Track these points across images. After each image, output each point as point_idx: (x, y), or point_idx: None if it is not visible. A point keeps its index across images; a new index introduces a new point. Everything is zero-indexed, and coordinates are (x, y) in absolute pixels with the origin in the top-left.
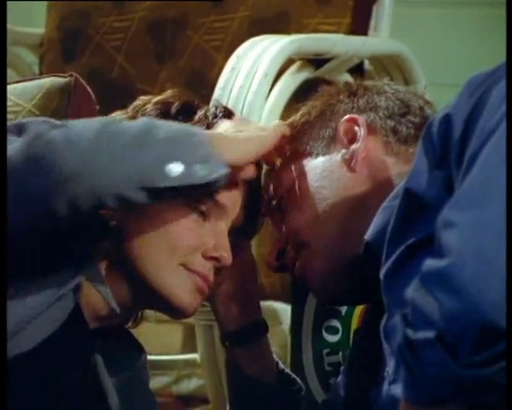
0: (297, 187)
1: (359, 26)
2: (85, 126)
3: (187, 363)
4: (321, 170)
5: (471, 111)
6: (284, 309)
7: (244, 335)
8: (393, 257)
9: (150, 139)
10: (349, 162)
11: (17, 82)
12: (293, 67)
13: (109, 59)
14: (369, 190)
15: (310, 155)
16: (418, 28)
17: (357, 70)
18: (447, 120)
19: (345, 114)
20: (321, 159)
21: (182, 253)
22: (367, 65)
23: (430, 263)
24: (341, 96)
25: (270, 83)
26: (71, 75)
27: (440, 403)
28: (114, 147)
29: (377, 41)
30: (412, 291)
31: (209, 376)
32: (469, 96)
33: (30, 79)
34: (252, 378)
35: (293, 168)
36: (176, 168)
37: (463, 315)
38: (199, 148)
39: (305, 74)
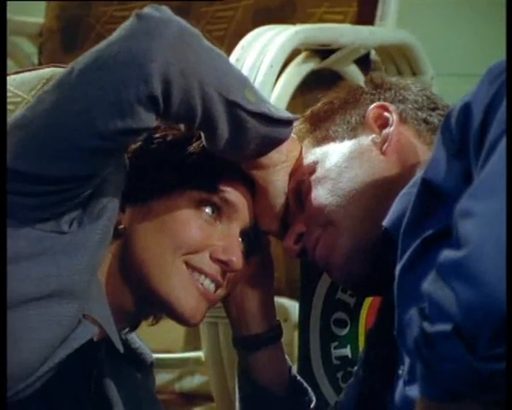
0: (322, 168)
1: (365, 16)
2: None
3: (191, 360)
4: (348, 152)
5: (491, 99)
6: (290, 305)
7: (262, 340)
8: (409, 251)
9: (229, 64)
10: (380, 146)
11: (16, 73)
12: (299, 58)
13: None
14: (398, 175)
15: (334, 139)
16: (425, 17)
17: (364, 61)
18: (466, 109)
19: (371, 104)
20: (347, 142)
21: (186, 250)
22: (373, 55)
23: (447, 254)
24: (366, 89)
25: (276, 74)
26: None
27: (457, 398)
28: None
29: (384, 31)
30: (428, 283)
31: (214, 373)
32: (489, 84)
33: (29, 70)
34: (263, 388)
35: (315, 152)
36: (251, 96)
37: (482, 307)
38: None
39: (311, 65)
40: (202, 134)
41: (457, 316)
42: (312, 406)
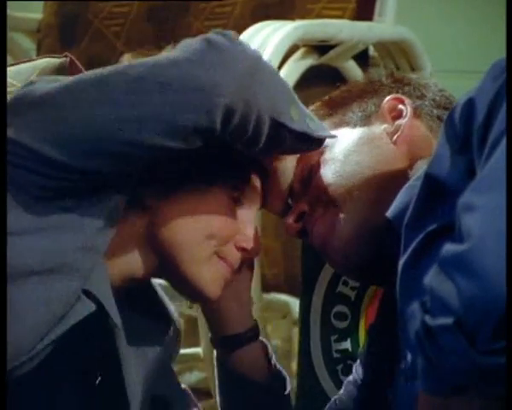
0: (331, 150)
1: (364, 11)
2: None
3: (189, 356)
4: (359, 137)
5: (495, 95)
6: (288, 301)
7: (242, 339)
8: (413, 245)
9: (279, 79)
10: (392, 135)
11: (12, 65)
12: (298, 54)
13: (109, 45)
14: (406, 166)
15: (347, 124)
16: (423, 13)
17: (362, 56)
18: (470, 105)
19: (389, 95)
20: (360, 129)
21: (218, 241)
22: (372, 51)
23: (449, 247)
24: (385, 81)
25: None
26: (65, 56)
27: (459, 393)
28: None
29: (383, 27)
30: (430, 277)
31: (212, 370)
32: (494, 80)
33: (24, 61)
34: (243, 380)
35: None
36: (295, 114)
37: (484, 301)
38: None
39: (310, 61)
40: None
41: (459, 309)
42: (286, 392)
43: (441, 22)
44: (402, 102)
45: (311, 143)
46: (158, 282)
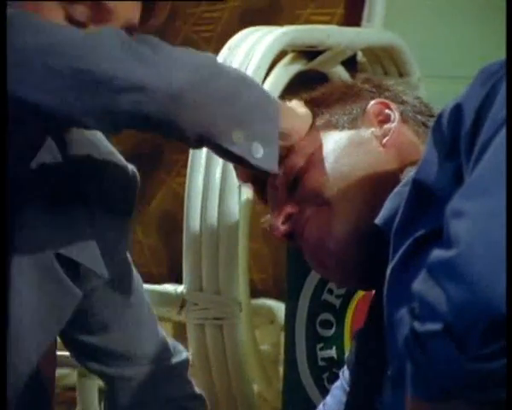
0: (320, 152)
1: (352, 17)
2: (188, 56)
3: None
4: (348, 140)
5: (483, 100)
6: (276, 307)
7: None
8: (401, 251)
9: (236, 97)
10: (381, 139)
11: None
12: (286, 59)
13: None
14: (396, 169)
15: (334, 126)
16: (411, 19)
17: (351, 62)
18: (458, 110)
19: (371, 99)
20: (348, 132)
21: None
22: (360, 57)
23: (437, 253)
24: (361, 85)
25: (263, 75)
26: None
27: (448, 398)
28: (210, 90)
29: (371, 32)
30: (419, 283)
31: (201, 375)
32: (482, 85)
33: None
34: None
35: (314, 136)
36: (238, 137)
37: (473, 307)
38: (267, 123)
39: (298, 66)
40: None
41: (448, 315)
42: None
43: (429, 28)
44: (388, 107)
45: (253, 168)
46: (145, 286)
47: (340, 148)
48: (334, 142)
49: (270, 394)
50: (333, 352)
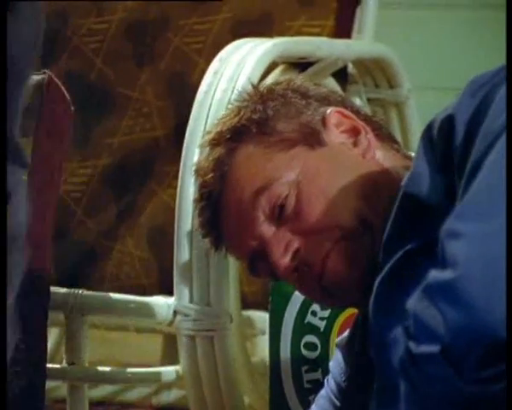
0: (304, 178)
1: (343, 29)
2: None
3: (168, 374)
4: (328, 160)
5: (474, 112)
6: (266, 319)
7: None
8: (390, 263)
9: None
10: (358, 150)
11: None
12: (277, 71)
13: (88, 62)
14: (379, 176)
15: (295, 143)
16: (402, 31)
17: (341, 74)
18: (450, 121)
19: (309, 110)
20: (320, 150)
21: None
22: (351, 68)
23: (434, 274)
24: (293, 95)
25: None
26: (44, 73)
27: None
28: None
29: (362, 44)
30: (414, 302)
31: (191, 388)
32: (471, 96)
33: None
34: None
35: (279, 160)
36: None
37: (470, 330)
38: None
39: (289, 78)
40: None
41: (445, 338)
42: None
43: (420, 40)
44: (346, 117)
45: None
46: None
47: (325, 170)
48: (312, 165)
49: (261, 405)
50: (318, 374)
